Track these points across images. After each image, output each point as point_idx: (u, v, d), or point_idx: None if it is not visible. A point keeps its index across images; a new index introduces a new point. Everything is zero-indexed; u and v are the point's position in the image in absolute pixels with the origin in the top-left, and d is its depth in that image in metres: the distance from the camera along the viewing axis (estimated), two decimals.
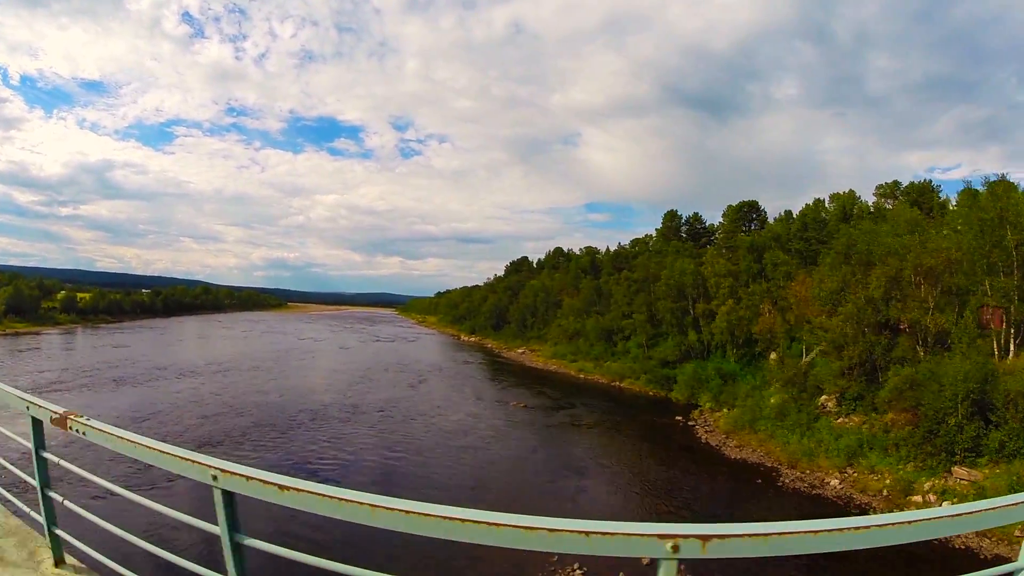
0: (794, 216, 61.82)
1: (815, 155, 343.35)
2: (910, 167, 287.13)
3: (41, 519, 3.01)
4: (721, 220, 70.22)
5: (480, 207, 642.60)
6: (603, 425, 40.94)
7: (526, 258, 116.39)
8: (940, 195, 54.25)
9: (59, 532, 3.02)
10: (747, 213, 66.54)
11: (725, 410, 42.38)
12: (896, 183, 57.74)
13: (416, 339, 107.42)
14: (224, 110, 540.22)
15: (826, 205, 58.98)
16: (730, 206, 68.78)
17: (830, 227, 51.46)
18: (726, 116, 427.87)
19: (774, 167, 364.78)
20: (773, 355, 48.61)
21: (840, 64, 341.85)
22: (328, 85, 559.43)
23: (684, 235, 70.67)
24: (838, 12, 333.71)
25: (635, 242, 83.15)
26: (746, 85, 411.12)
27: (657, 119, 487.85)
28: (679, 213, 71.92)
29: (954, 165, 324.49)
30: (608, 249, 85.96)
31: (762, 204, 63.95)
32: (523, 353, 77.29)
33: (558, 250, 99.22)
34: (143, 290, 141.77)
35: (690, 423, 41.57)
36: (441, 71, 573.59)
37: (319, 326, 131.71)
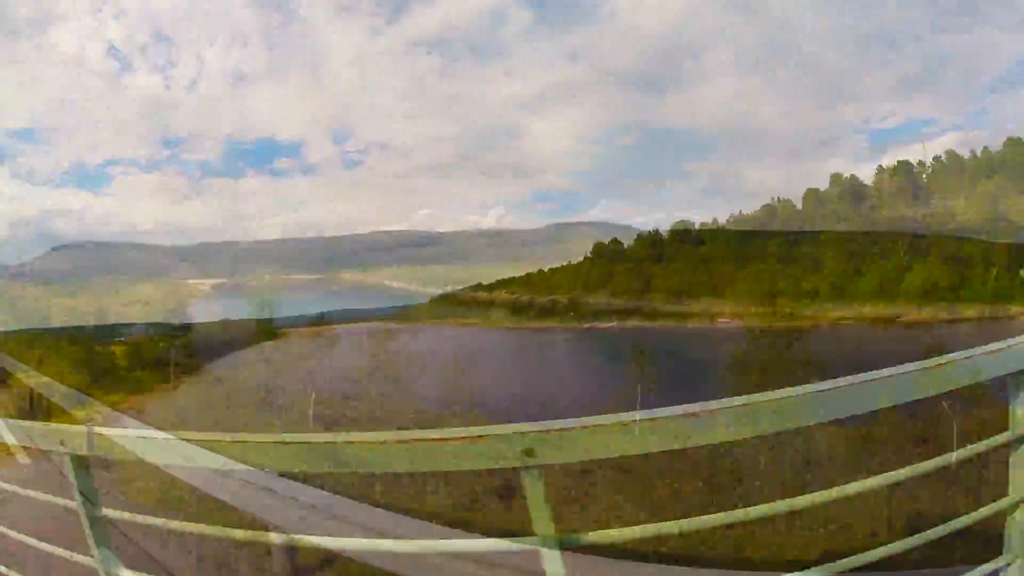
0: None
1: (751, 120, 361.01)
2: (847, 120, 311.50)
3: None
4: None
5: (426, 209, 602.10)
6: None
7: (616, 239, 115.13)
8: None
9: None
10: None
11: None
12: None
13: None
14: (160, 142, 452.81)
15: None
16: None
17: None
18: (662, 90, 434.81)
19: (712, 136, 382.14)
20: None
21: (772, 30, 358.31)
22: (263, 104, 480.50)
23: None
24: None
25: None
26: (681, 59, 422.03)
27: (595, 100, 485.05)
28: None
29: (887, 115, 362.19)
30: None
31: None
32: None
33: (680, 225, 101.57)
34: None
35: None
36: (377, 76, 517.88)
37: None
